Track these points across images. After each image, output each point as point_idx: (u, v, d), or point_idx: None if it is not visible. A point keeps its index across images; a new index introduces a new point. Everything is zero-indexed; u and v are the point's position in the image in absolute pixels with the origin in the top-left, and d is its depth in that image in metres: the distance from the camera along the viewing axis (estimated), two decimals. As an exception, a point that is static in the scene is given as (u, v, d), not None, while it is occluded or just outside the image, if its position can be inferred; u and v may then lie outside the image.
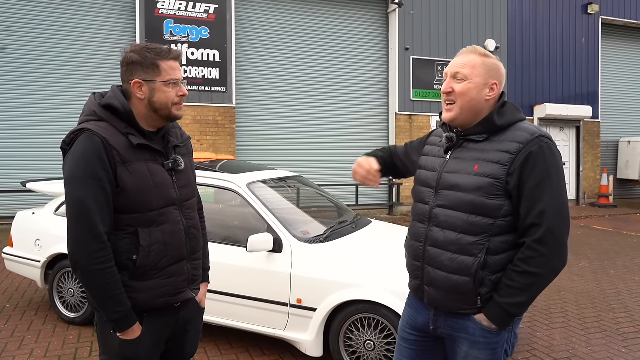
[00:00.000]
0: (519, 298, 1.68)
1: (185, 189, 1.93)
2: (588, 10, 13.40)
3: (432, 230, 1.84)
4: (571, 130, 13.66)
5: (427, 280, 1.86)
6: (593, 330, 4.41)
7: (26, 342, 4.03)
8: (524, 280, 1.67)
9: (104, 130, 1.73)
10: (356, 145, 11.49)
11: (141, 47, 1.81)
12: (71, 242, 1.68)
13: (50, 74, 9.20)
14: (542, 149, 1.70)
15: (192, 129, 9.65)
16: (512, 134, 1.76)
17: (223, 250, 3.73)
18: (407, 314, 2.01)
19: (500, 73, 1.83)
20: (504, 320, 1.73)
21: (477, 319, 1.77)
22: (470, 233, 1.75)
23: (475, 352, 1.79)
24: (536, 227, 1.67)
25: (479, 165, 1.76)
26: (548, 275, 1.68)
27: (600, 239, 8.86)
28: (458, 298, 1.78)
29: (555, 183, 1.69)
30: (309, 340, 3.43)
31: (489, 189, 1.72)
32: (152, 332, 1.83)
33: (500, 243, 1.74)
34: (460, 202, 1.77)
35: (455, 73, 1.82)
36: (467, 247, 1.75)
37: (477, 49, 1.84)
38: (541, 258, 1.66)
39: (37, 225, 4.57)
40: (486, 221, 1.73)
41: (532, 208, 1.68)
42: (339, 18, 11.33)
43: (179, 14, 9.58)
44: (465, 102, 1.80)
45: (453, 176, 1.81)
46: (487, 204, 1.72)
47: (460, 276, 1.76)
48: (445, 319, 1.85)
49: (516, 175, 1.70)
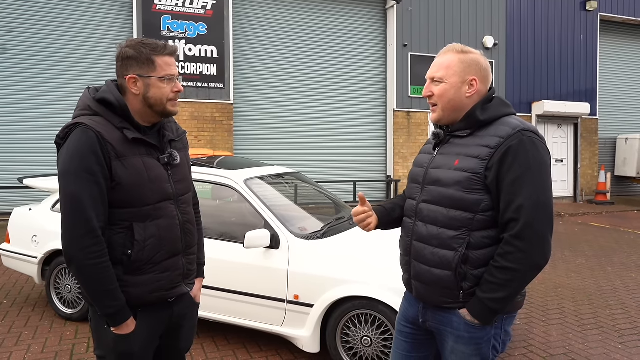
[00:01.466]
0: (499, 293, 1.68)
1: (181, 184, 1.92)
2: (586, 7, 13.40)
3: (417, 225, 1.88)
4: (569, 127, 13.67)
5: (414, 274, 1.89)
6: (589, 327, 4.43)
7: (23, 338, 4.02)
8: (503, 275, 1.67)
9: (99, 124, 1.72)
10: (354, 141, 11.49)
11: (137, 42, 1.79)
12: (65, 236, 1.67)
13: (47, 71, 9.18)
14: (522, 142, 1.68)
15: (189, 125, 9.64)
16: (495, 128, 1.76)
17: (220, 246, 3.73)
18: (403, 307, 2.04)
19: (480, 68, 1.82)
20: (486, 316, 1.73)
21: (462, 314, 1.79)
22: (450, 227, 1.76)
23: (460, 346, 1.80)
24: (514, 222, 1.66)
25: (459, 160, 1.77)
26: (528, 271, 1.66)
27: (597, 236, 8.88)
28: (441, 292, 1.80)
29: (536, 177, 1.67)
30: (306, 337, 3.43)
31: (467, 183, 1.73)
32: (146, 326, 1.83)
33: (481, 238, 1.74)
34: (442, 197, 1.79)
35: (432, 76, 1.85)
36: (447, 241, 1.77)
37: (455, 46, 1.85)
38: (519, 253, 1.65)
39: (34, 222, 4.56)
40: (466, 215, 1.74)
41: (510, 202, 1.67)
42: (336, 14, 11.31)
43: (176, 9, 9.55)
44: (445, 103, 1.82)
45: (436, 171, 1.84)
46: (466, 198, 1.73)
47: (442, 270, 1.78)
48: (433, 313, 1.88)
49: (494, 169, 1.69)
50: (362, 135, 11.59)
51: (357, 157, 11.54)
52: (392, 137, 11.53)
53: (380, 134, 11.79)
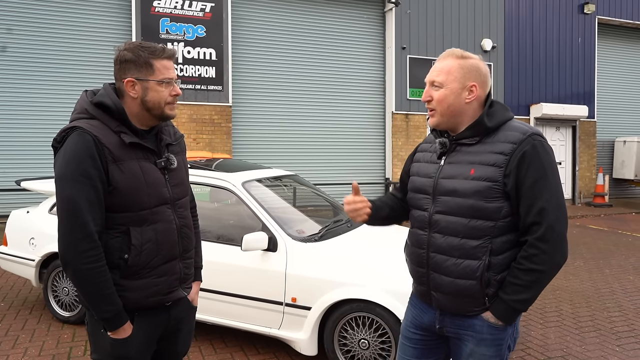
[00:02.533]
0: (524, 295, 1.71)
1: (178, 188, 1.92)
2: (584, 10, 13.43)
3: (433, 236, 1.85)
4: (567, 130, 13.69)
5: (433, 286, 1.87)
6: (587, 329, 4.43)
7: (20, 340, 4.01)
8: (529, 277, 1.70)
9: (96, 128, 1.71)
10: (352, 144, 11.49)
11: (135, 46, 1.79)
12: (62, 240, 1.66)
13: (46, 73, 9.17)
14: (535, 147, 1.71)
15: (188, 127, 9.63)
16: (503, 134, 1.77)
17: (218, 249, 3.72)
18: (411, 314, 2.02)
19: (480, 73, 1.82)
20: (510, 316, 1.76)
21: (484, 317, 1.79)
22: (472, 237, 1.76)
23: (482, 348, 1.80)
24: (537, 225, 1.69)
25: (475, 169, 1.76)
26: (551, 271, 1.71)
27: (595, 238, 8.88)
28: (466, 301, 1.80)
29: (551, 180, 1.71)
30: (304, 339, 3.43)
31: (488, 192, 1.73)
32: (143, 331, 1.82)
33: (502, 243, 1.75)
34: (460, 207, 1.77)
35: (432, 81, 1.84)
36: (470, 251, 1.76)
37: (454, 51, 1.85)
38: (544, 255, 1.68)
39: (31, 224, 4.56)
40: (487, 224, 1.74)
41: (531, 206, 1.70)
42: (335, 17, 11.32)
43: (175, 12, 9.55)
44: (444, 109, 1.82)
45: (450, 182, 1.81)
46: (486, 207, 1.73)
47: (467, 280, 1.77)
48: (452, 319, 1.87)
49: (513, 176, 1.71)
50: (360, 138, 11.59)
51: (355, 160, 11.54)
52: (390, 139, 11.54)
53: (379, 137, 11.79)
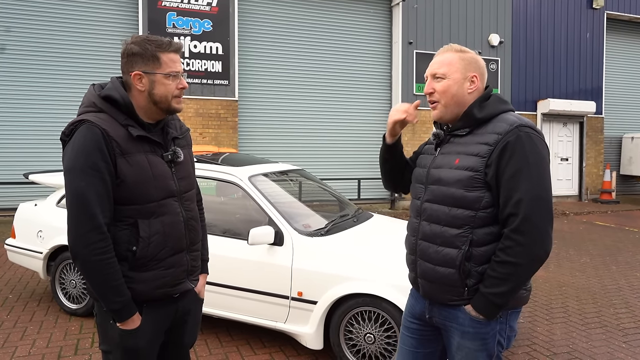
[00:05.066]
0: (501, 288, 1.70)
1: (184, 181, 1.93)
2: (593, 5, 13.31)
3: (422, 224, 1.90)
4: (574, 126, 13.60)
5: (419, 273, 1.91)
6: (593, 326, 4.42)
7: (28, 332, 4.05)
8: (504, 269, 1.69)
9: (104, 121, 1.72)
10: (358, 139, 11.48)
11: (142, 39, 1.79)
12: (71, 233, 1.68)
13: (52, 66, 9.21)
14: (519, 138, 1.70)
15: (194, 122, 9.65)
16: (493, 125, 1.78)
17: (224, 242, 3.74)
18: (409, 303, 2.07)
19: (479, 65, 1.86)
20: (490, 311, 1.75)
21: (467, 310, 1.80)
22: (452, 225, 1.79)
23: (466, 342, 1.82)
24: (514, 216, 1.68)
25: (459, 159, 1.80)
26: (529, 264, 1.68)
27: (602, 235, 8.84)
28: (446, 289, 1.82)
29: (533, 171, 1.68)
30: (310, 333, 3.44)
31: (468, 182, 1.75)
32: (151, 322, 1.84)
33: (484, 235, 1.76)
34: (444, 196, 1.81)
35: (433, 73, 1.86)
36: (450, 239, 1.79)
37: (452, 46, 1.88)
38: (519, 247, 1.67)
39: (39, 217, 4.59)
40: (467, 213, 1.76)
41: (509, 198, 1.69)
42: (342, 11, 11.29)
43: (181, 6, 9.55)
44: (448, 99, 1.84)
45: (437, 171, 1.87)
46: (466, 197, 1.76)
47: (446, 268, 1.80)
48: (439, 309, 1.90)
49: (494, 166, 1.72)
50: (366, 133, 11.57)
51: (361, 155, 11.53)
52: (396, 134, 11.51)
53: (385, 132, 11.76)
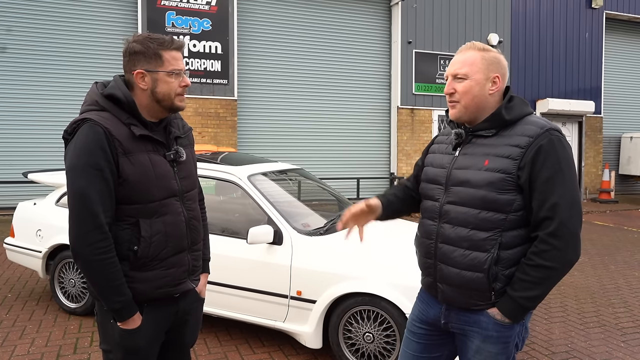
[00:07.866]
0: (533, 292, 1.67)
1: (187, 180, 1.93)
2: (592, 5, 13.32)
3: (442, 227, 1.84)
4: (573, 126, 13.63)
5: (439, 277, 1.85)
6: (592, 325, 4.43)
7: (27, 331, 4.05)
8: (538, 273, 1.66)
9: (106, 120, 1.72)
10: (358, 138, 11.49)
11: (144, 37, 1.79)
12: (72, 232, 1.67)
13: (51, 66, 9.19)
14: (552, 142, 1.69)
15: (193, 121, 9.64)
16: (521, 127, 1.76)
17: (223, 242, 3.74)
18: (418, 308, 2.01)
19: (501, 65, 1.82)
20: (518, 314, 1.72)
21: (491, 313, 1.77)
22: (482, 229, 1.74)
23: (488, 345, 1.78)
24: (549, 220, 1.66)
25: (489, 161, 1.75)
26: (562, 268, 1.67)
27: (600, 234, 8.86)
28: (472, 294, 1.78)
29: (566, 175, 1.68)
30: (309, 332, 3.45)
31: (500, 184, 1.71)
32: (152, 322, 1.84)
33: (512, 237, 1.73)
34: (471, 198, 1.76)
35: (455, 74, 1.82)
36: (479, 242, 1.74)
37: (475, 44, 1.83)
38: (555, 251, 1.65)
39: (38, 216, 4.59)
40: (498, 216, 1.72)
41: (544, 201, 1.67)
42: (341, 11, 11.29)
43: (180, 5, 9.54)
44: (469, 100, 1.80)
45: (463, 172, 1.81)
46: (498, 199, 1.72)
47: (473, 272, 1.75)
48: (457, 314, 1.85)
49: (527, 169, 1.69)
50: (365, 132, 11.58)
51: (360, 154, 11.54)
52: (395, 134, 11.52)
53: (384, 131, 11.78)
